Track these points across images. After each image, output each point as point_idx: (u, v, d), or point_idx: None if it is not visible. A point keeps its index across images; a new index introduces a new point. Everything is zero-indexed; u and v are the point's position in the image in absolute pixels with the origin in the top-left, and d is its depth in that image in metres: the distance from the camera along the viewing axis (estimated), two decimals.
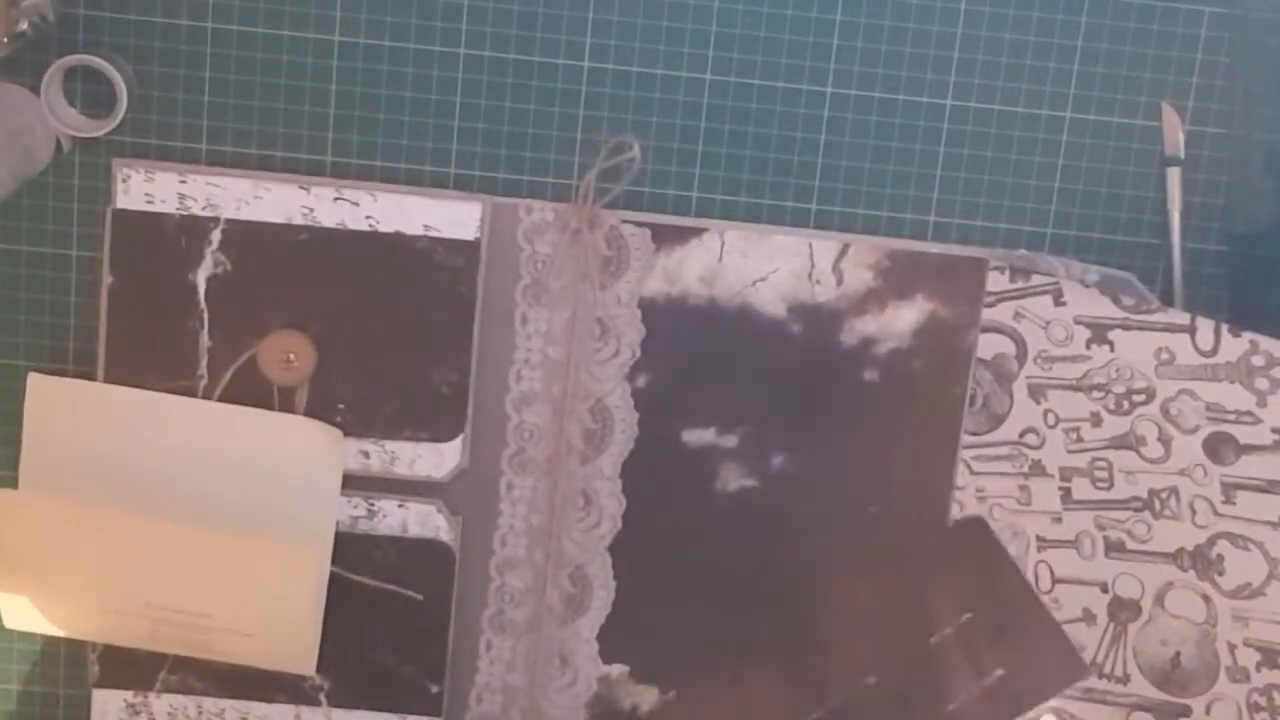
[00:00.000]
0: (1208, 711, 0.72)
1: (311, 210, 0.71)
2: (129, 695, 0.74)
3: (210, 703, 0.74)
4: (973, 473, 0.72)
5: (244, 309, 0.71)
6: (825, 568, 0.74)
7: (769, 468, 0.73)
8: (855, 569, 0.73)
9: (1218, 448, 0.70)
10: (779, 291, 0.72)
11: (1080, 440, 0.71)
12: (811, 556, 0.73)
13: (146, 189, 0.70)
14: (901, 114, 0.71)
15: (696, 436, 0.73)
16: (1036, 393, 0.71)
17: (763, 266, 0.72)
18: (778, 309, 0.72)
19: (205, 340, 0.71)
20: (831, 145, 0.71)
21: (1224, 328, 0.70)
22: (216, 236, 0.71)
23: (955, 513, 0.72)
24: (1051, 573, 0.72)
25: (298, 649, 0.71)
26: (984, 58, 0.71)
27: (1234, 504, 0.70)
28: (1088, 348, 0.71)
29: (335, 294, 0.71)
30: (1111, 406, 0.71)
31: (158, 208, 0.70)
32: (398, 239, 0.71)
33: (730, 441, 0.73)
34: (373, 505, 0.72)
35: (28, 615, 0.73)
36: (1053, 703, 0.73)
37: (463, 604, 0.73)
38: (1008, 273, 0.71)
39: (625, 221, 0.71)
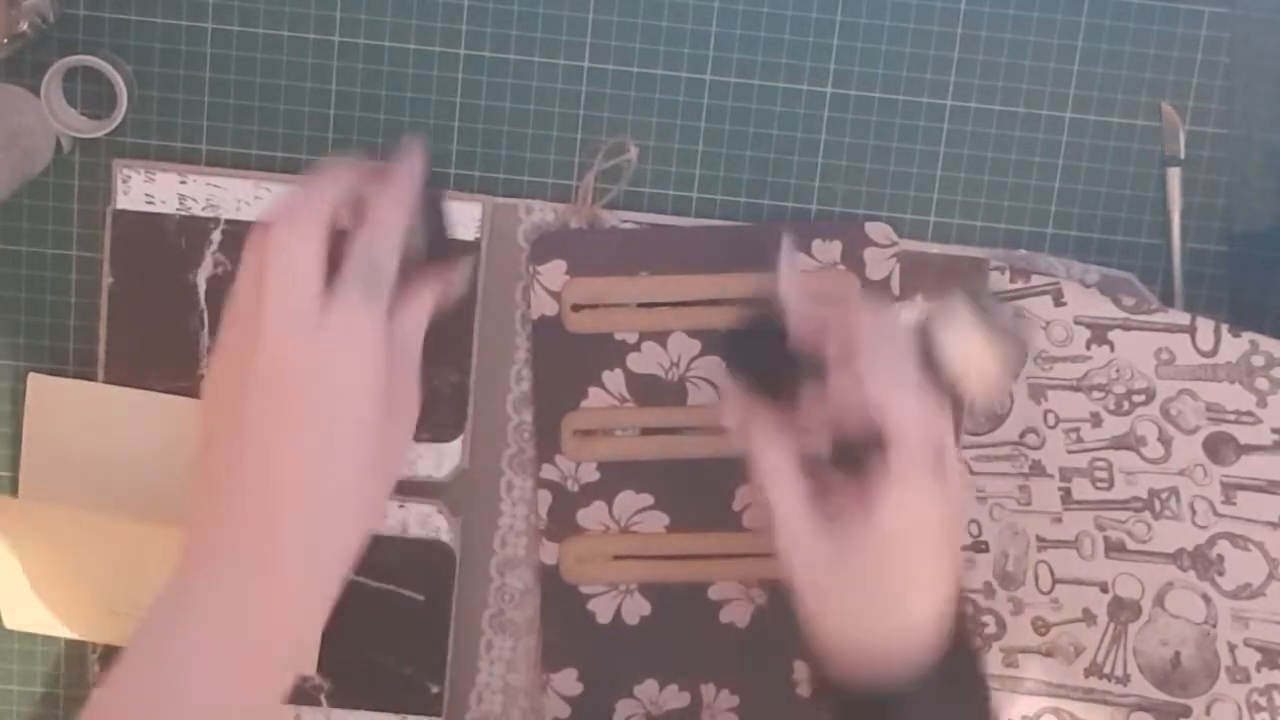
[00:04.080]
0: (1208, 712, 0.72)
1: None
2: None
3: None
4: (973, 473, 0.72)
5: None
6: None
7: None
8: None
9: (1218, 448, 0.70)
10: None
11: (1080, 440, 0.71)
12: None
13: (147, 189, 0.70)
14: (901, 114, 0.71)
15: None
16: (1036, 393, 0.71)
17: None
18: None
19: (206, 340, 0.71)
20: (831, 145, 0.71)
21: (1224, 328, 0.70)
22: (217, 237, 0.71)
23: None
24: (1051, 573, 0.72)
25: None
26: (984, 58, 0.71)
27: (1234, 504, 0.70)
28: (1088, 348, 0.71)
29: None
30: (1111, 407, 0.71)
31: (158, 208, 0.70)
32: None
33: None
34: None
35: (28, 615, 0.73)
36: (1052, 702, 0.73)
37: (463, 604, 0.73)
38: (1008, 273, 0.71)
39: (625, 221, 0.71)
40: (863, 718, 0.58)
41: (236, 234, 0.70)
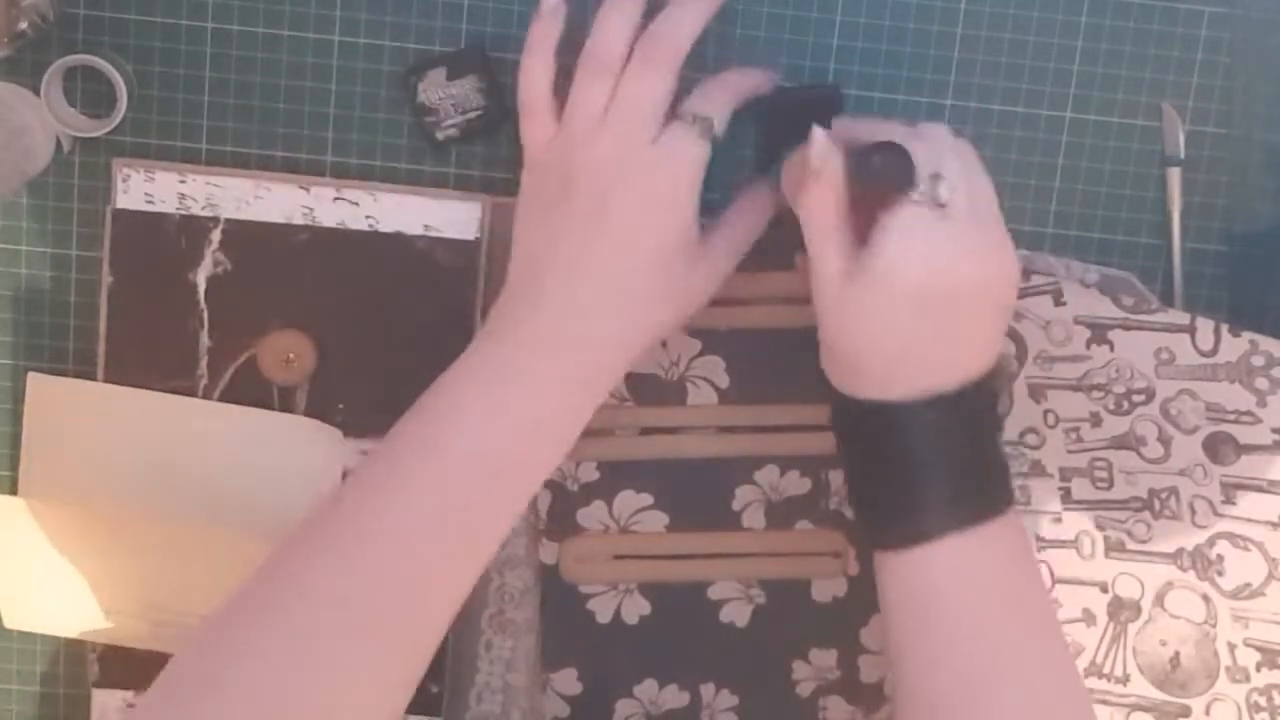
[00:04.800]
0: (1207, 712, 0.72)
1: (311, 210, 0.71)
2: (129, 695, 0.74)
3: None
4: None
5: (244, 309, 0.71)
6: None
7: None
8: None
9: (1218, 448, 0.70)
10: None
11: (1080, 440, 0.71)
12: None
13: (146, 189, 0.70)
14: (902, 114, 0.71)
15: None
16: (1036, 393, 0.71)
17: None
18: None
19: (205, 340, 0.71)
20: None
21: (1224, 328, 0.70)
22: (216, 236, 0.71)
23: None
24: (1051, 573, 0.72)
25: None
26: (984, 58, 0.71)
27: (1234, 504, 0.70)
28: (1088, 348, 0.71)
29: (335, 294, 0.71)
30: (1111, 406, 0.71)
31: (158, 207, 0.70)
32: (398, 239, 0.71)
33: None
34: None
35: (27, 615, 0.73)
36: None
37: (463, 604, 0.73)
38: None
39: None
40: (854, 422, 0.63)
41: (236, 233, 0.70)
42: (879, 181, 0.60)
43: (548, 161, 0.65)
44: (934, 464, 0.61)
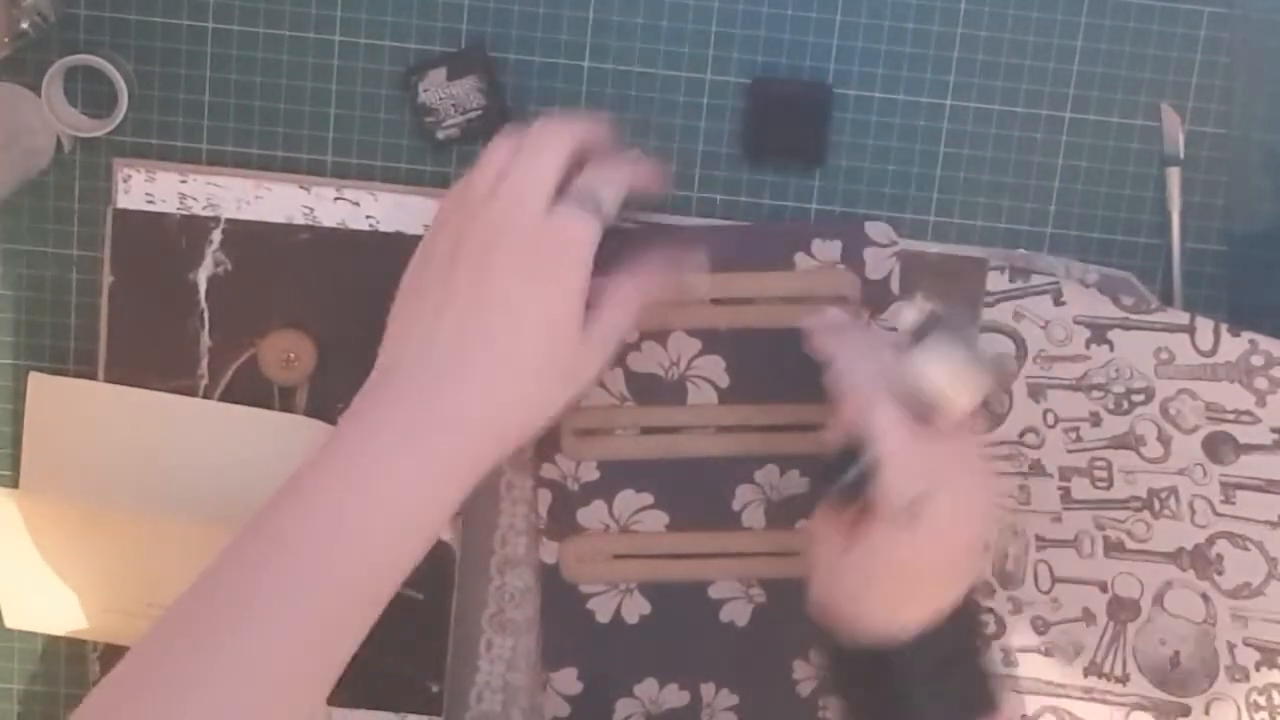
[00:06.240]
0: (1207, 711, 0.72)
1: (312, 210, 0.71)
2: None
3: None
4: None
5: (244, 308, 0.71)
6: None
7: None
8: None
9: (1217, 447, 0.71)
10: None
11: (1079, 440, 0.71)
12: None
13: (147, 189, 0.70)
14: (901, 113, 0.71)
15: None
16: (1036, 392, 0.71)
17: None
18: None
19: (206, 340, 0.71)
20: (832, 145, 0.71)
21: (1223, 327, 0.70)
22: (217, 236, 0.71)
23: None
24: (1051, 572, 0.72)
25: None
26: (984, 58, 0.71)
27: (1233, 504, 0.70)
28: (1087, 347, 0.71)
29: (336, 294, 0.71)
30: (1111, 406, 0.71)
31: (158, 207, 0.71)
32: (398, 239, 0.71)
33: None
34: None
35: (28, 614, 0.73)
36: (1051, 701, 0.73)
37: (463, 603, 0.73)
38: (1007, 273, 0.71)
39: (624, 221, 0.71)
40: (851, 665, 0.64)
41: (237, 233, 0.71)
42: (851, 499, 0.62)
43: (443, 227, 0.62)
44: (918, 696, 0.62)
